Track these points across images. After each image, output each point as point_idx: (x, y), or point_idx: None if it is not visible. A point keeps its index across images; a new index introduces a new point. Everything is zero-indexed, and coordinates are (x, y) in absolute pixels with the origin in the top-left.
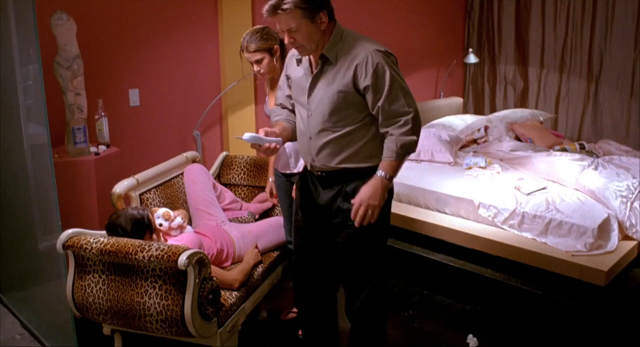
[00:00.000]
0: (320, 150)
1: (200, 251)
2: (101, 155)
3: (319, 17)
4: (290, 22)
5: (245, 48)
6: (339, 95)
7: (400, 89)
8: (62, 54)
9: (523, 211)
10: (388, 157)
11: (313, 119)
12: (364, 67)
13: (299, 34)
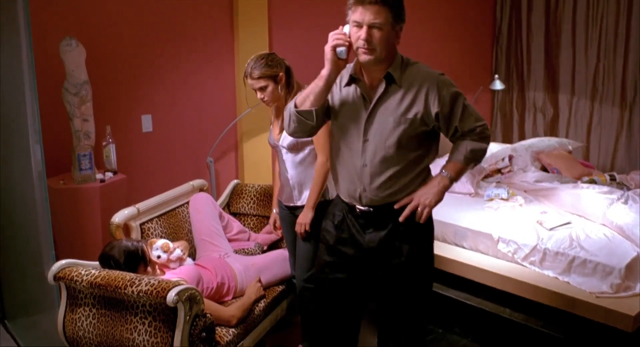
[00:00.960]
0: (375, 180)
1: (191, 287)
2: (106, 183)
3: (397, 28)
4: (378, 16)
5: (249, 74)
6: (406, 121)
7: (469, 106)
8: (70, 80)
9: (545, 247)
10: (455, 159)
11: (371, 145)
12: (435, 94)
13: (379, 34)
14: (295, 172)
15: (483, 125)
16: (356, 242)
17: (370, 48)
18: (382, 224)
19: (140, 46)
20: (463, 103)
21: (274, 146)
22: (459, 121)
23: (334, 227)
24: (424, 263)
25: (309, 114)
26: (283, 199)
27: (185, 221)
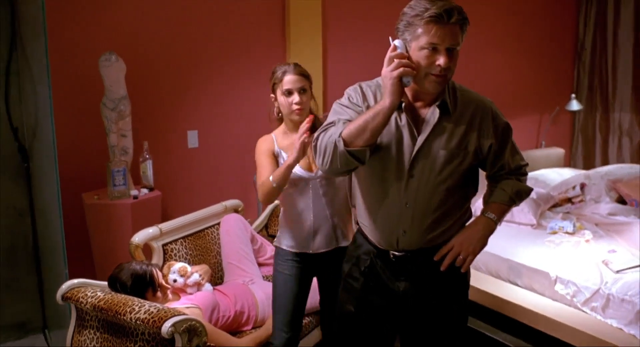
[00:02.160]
0: (420, 222)
1: (191, 318)
2: (139, 199)
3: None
4: (457, 37)
5: (293, 70)
6: (459, 154)
7: (514, 142)
8: (108, 95)
9: (609, 293)
10: (500, 199)
11: (416, 182)
12: (490, 124)
13: (455, 58)
14: (336, 205)
15: (527, 165)
16: (389, 291)
17: (447, 75)
18: (416, 270)
19: (187, 61)
20: (511, 137)
21: (302, 180)
22: (509, 157)
23: (360, 273)
24: (458, 309)
25: (362, 154)
26: (292, 245)
27: (215, 242)
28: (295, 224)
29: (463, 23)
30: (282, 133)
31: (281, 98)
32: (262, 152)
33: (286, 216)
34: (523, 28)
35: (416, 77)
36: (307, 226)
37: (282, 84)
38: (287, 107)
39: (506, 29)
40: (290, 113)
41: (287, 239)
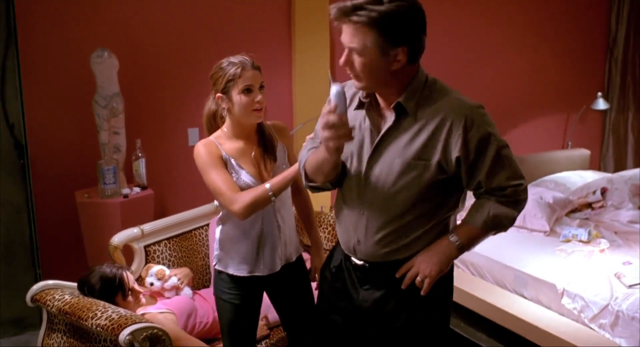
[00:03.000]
0: (373, 234)
1: (153, 327)
2: (130, 198)
3: (394, 53)
4: (354, 38)
5: (251, 64)
6: (417, 166)
7: (506, 156)
8: (100, 92)
9: (618, 309)
10: (472, 222)
11: (371, 188)
12: (460, 132)
13: (358, 60)
14: (288, 217)
15: (518, 186)
16: (349, 297)
17: (355, 75)
18: (380, 282)
19: (187, 57)
20: (496, 150)
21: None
22: (485, 175)
23: (330, 273)
24: (430, 335)
25: (327, 186)
26: (266, 269)
27: (203, 244)
28: (239, 244)
29: (360, 23)
30: (227, 138)
31: (237, 97)
32: (210, 161)
33: (228, 234)
34: (546, 23)
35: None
36: (255, 246)
37: (240, 80)
38: (246, 107)
39: (527, 25)
40: (248, 114)
41: (232, 261)
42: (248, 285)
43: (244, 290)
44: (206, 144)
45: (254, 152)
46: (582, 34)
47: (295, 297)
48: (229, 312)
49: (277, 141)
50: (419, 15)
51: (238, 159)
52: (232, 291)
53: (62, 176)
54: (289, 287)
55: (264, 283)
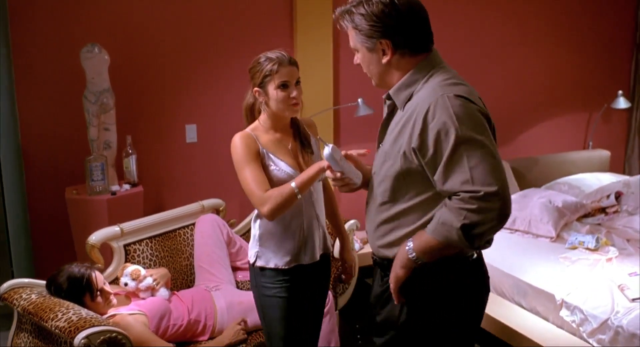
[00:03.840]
0: (371, 225)
1: (112, 330)
2: (117, 195)
3: (378, 46)
4: (351, 40)
5: (288, 60)
6: (390, 154)
7: (469, 156)
8: (90, 88)
9: (618, 325)
10: (427, 228)
11: (375, 181)
12: (421, 121)
13: (359, 58)
14: (322, 209)
15: (473, 193)
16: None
17: (369, 73)
18: (381, 278)
19: (185, 53)
20: (453, 146)
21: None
22: (440, 173)
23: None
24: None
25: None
26: (308, 258)
27: (187, 244)
28: (284, 235)
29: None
30: (264, 130)
31: (274, 92)
32: (245, 157)
33: (268, 227)
34: (566, 17)
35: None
36: (298, 236)
37: (276, 76)
38: (283, 102)
39: (546, 20)
40: (286, 108)
41: (275, 255)
42: (293, 276)
43: (290, 282)
44: (243, 137)
45: (290, 145)
46: (605, 29)
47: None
48: (277, 307)
49: (310, 135)
50: (396, 9)
51: (275, 151)
52: (277, 285)
53: (53, 172)
54: (325, 276)
55: (307, 272)
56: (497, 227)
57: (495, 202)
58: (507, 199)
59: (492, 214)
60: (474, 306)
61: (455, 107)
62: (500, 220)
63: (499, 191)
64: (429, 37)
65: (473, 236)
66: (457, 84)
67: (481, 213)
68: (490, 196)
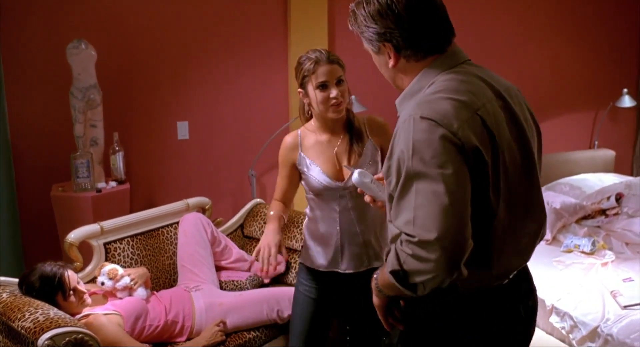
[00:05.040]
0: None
1: (78, 331)
2: (103, 193)
3: (382, 49)
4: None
5: (326, 58)
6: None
7: (417, 192)
8: (76, 84)
9: (608, 332)
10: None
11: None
12: (391, 143)
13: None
14: (369, 220)
15: (411, 238)
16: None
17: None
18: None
19: (176, 49)
20: (404, 181)
21: (328, 190)
22: (393, 208)
23: None
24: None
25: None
26: (344, 266)
27: (171, 242)
28: (320, 239)
29: (352, 30)
30: (312, 131)
31: (314, 93)
32: (281, 161)
33: (310, 228)
34: (571, 13)
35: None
36: (334, 242)
37: (313, 76)
38: (323, 103)
39: (550, 16)
40: (326, 110)
41: (312, 255)
42: (326, 280)
43: (321, 284)
44: (287, 139)
45: (337, 148)
46: (611, 26)
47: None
48: (301, 303)
49: (367, 136)
50: (392, 9)
51: (316, 155)
52: (308, 284)
53: (42, 168)
54: (363, 293)
55: (343, 281)
56: (445, 279)
57: (432, 252)
58: (449, 249)
59: (430, 265)
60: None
61: (416, 133)
62: (448, 271)
63: (438, 241)
64: (440, 36)
65: (414, 284)
66: (444, 98)
67: (419, 261)
68: (426, 244)
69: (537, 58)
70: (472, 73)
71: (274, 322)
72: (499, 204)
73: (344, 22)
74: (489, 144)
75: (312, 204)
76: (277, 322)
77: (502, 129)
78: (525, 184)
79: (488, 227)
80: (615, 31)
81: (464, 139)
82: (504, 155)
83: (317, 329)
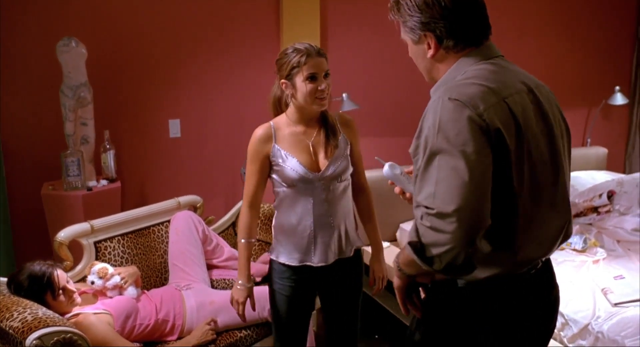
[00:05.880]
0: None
1: (68, 331)
2: (94, 191)
3: (422, 38)
4: (401, 33)
5: (316, 51)
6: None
7: (437, 167)
8: (66, 82)
9: (599, 330)
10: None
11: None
12: (419, 124)
13: (409, 51)
14: (340, 210)
15: (430, 211)
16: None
17: (419, 68)
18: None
19: (166, 46)
20: (428, 157)
21: (304, 181)
22: (417, 183)
23: None
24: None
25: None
26: (317, 259)
27: (162, 241)
28: (292, 232)
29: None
30: (287, 123)
31: (302, 84)
32: (250, 156)
33: (281, 222)
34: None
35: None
36: (307, 235)
37: (304, 68)
38: (310, 95)
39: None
40: (312, 102)
41: (284, 251)
42: (299, 275)
43: (296, 281)
44: (259, 131)
45: (312, 140)
46: (605, 23)
47: (342, 294)
48: (278, 302)
49: (339, 131)
50: (438, 3)
51: (292, 146)
52: (283, 282)
53: (33, 167)
54: (339, 282)
55: (315, 274)
56: (460, 252)
57: (448, 224)
58: (466, 223)
59: (447, 237)
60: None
61: (443, 112)
62: (463, 244)
63: (456, 213)
64: (479, 30)
65: (430, 257)
66: (473, 84)
67: (437, 232)
68: (444, 216)
69: (529, 55)
70: (504, 66)
71: (265, 321)
72: (522, 191)
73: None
74: (515, 131)
75: (283, 197)
76: (267, 321)
77: (530, 121)
78: (551, 179)
79: (513, 214)
80: (608, 29)
81: (489, 121)
82: (529, 145)
83: (296, 327)
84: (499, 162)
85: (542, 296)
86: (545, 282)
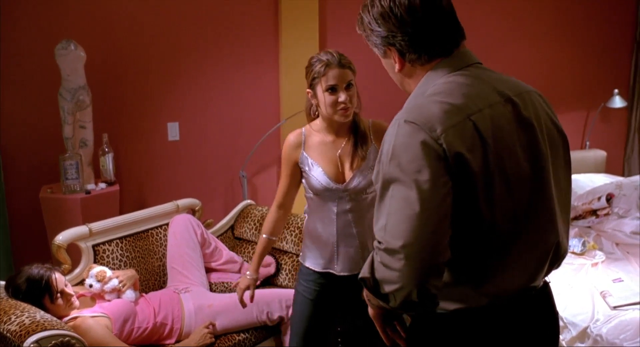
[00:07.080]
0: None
1: (65, 334)
2: (92, 194)
3: (388, 53)
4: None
5: (338, 61)
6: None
7: (391, 198)
8: (65, 85)
9: (597, 333)
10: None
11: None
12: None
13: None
14: (369, 223)
15: (379, 245)
16: None
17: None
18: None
19: (166, 49)
20: (381, 186)
21: (327, 191)
22: (374, 213)
23: None
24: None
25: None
26: (339, 268)
27: (161, 244)
28: (316, 239)
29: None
30: (317, 130)
31: (323, 95)
32: (283, 160)
33: (309, 228)
34: (564, 15)
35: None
36: (330, 243)
37: (323, 79)
38: (331, 107)
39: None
40: (333, 113)
41: (311, 255)
42: (323, 281)
43: (319, 285)
44: (290, 138)
45: (340, 150)
46: (604, 26)
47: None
48: (298, 303)
49: (371, 141)
50: (393, 12)
51: (319, 156)
52: (306, 284)
53: (31, 170)
54: (357, 296)
55: (339, 283)
56: (412, 290)
57: (396, 261)
58: (415, 260)
59: (395, 274)
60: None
61: (398, 137)
62: (415, 283)
63: (403, 249)
64: (446, 39)
65: (385, 294)
66: (436, 102)
67: (387, 269)
68: (392, 252)
69: (528, 58)
70: (478, 76)
71: (264, 324)
72: (493, 215)
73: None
74: (482, 151)
75: (311, 203)
76: (266, 324)
77: (504, 135)
78: (534, 196)
79: (482, 243)
80: (607, 32)
81: (447, 145)
82: (502, 162)
83: (315, 330)
84: (463, 188)
85: (536, 326)
86: (539, 311)
